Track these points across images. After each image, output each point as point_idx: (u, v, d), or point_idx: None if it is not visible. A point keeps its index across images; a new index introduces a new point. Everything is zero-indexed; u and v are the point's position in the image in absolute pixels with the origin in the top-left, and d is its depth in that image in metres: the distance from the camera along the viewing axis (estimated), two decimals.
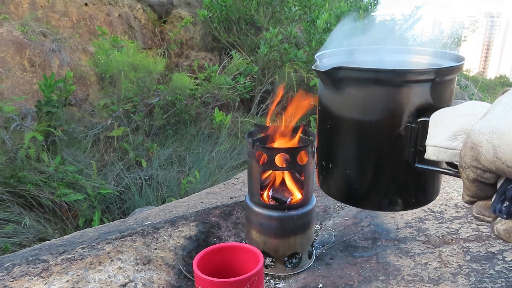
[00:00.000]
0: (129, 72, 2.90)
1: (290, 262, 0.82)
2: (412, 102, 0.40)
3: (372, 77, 0.40)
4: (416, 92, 0.40)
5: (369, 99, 0.41)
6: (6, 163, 2.12)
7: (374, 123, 0.41)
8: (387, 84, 0.40)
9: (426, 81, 0.40)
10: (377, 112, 0.41)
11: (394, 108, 0.40)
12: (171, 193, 2.61)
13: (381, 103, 0.41)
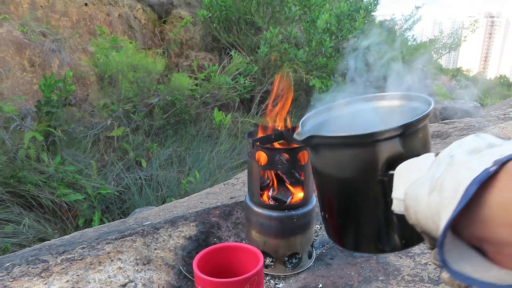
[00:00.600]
0: (128, 72, 2.90)
1: (290, 262, 0.82)
2: (382, 158, 0.44)
3: (341, 142, 0.45)
4: (385, 149, 0.43)
5: (342, 159, 0.46)
6: (6, 163, 2.12)
7: (350, 179, 0.46)
8: (355, 146, 0.44)
9: (393, 137, 0.43)
10: (350, 170, 0.45)
11: (365, 165, 0.44)
12: (171, 193, 2.61)
13: (353, 162, 0.45)
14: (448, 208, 0.29)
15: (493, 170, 0.26)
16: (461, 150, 0.32)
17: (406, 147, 0.44)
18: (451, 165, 0.31)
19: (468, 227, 0.29)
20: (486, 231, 0.28)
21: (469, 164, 0.29)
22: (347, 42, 4.26)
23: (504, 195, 0.26)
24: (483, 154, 0.30)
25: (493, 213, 0.27)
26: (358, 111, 0.58)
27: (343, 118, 0.58)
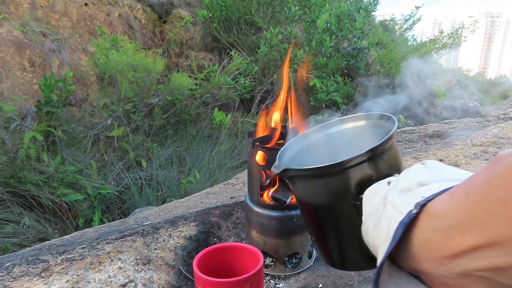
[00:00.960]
0: (128, 72, 2.90)
1: (290, 262, 0.82)
2: (352, 184, 0.46)
3: (312, 174, 0.48)
4: (354, 175, 0.46)
5: (315, 188, 0.49)
6: (6, 163, 2.12)
7: (326, 205, 0.49)
8: (325, 176, 0.47)
9: (361, 163, 0.46)
10: (325, 197, 0.49)
11: (338, 192, 0.47)
12: (171, 193, 2.61)
13: (326, 190, 0.48)
14: (382, 247, 0.33)
15: (414, 212, 0.30)
16: (396, 190, 0.35)
17: (375, 169, 0.46)
18: (385, 204, 0.35)
19: (402, 261, 0.32)
20: (415, 265, 0.31)
21: (398, 205, 0.33)
22: (347, 42, 4.27)
23: (424, 234, 0.29)
24: (410, 194, 0.32)
25: (417, 249, 0.30)
26: (331, 135, 0.62)
27: (319, 143, 0.62)
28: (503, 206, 0.23)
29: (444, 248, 0.27)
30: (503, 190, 0.24)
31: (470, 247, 0.25)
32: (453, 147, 1.42)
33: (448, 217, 0.27)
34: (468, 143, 1.45)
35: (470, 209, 0.26)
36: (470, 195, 0.26)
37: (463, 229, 0.26)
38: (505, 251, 0.23)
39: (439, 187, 0.31)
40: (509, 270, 0.24)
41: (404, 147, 1.57)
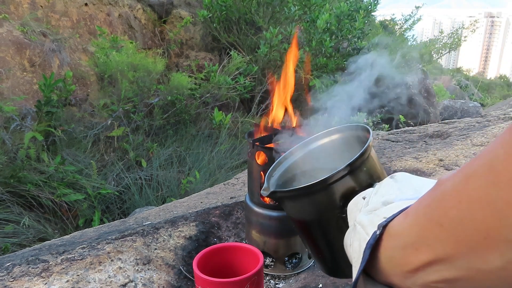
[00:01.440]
0: (128, 72, 2.89)
1: (290, 262, 0.82)
2: (336, 198, 0.48)
3: (298, 194, 0.50)
4: (337, 189, 0.48)
5: (303, 206, 0.52)
6: (6, 163, 2.12)
7: (315, 220, 0.51)
8: (310, 194, 0.49)
9: (342, 177, 0.48)
10: (313, 213, 0.51)
11: (324, 207, 0.49)
12: (171, 193, 2.61)
13: (313, 207, 0.50)
14: (356, 265, 0.36)
15: (378, 233, 0.32)
16: (365, 210, 0.38)
17: (356, 181, 0.48)
18: (355, 225, 0.38)
19: (375, 275, 0.35)
20: (386, 279, 0.33)
21: (365, 226, 0.36)
22: (347, 42, 4.26)
23: (388, 253, 0.32)
24: (375, 215, 0.35)
25: (384, 266, 0.32)
26: (312, 152, 0.65)
27: (302, 161, 0.65)
28: (441, 228, 0.26)
29: (404, 264, 0.30)
30: (439, 214, 0.26)
31: (424, 262, 0.28)
32: (453, 147, 1.42)
33: (404, 236, 0.30)
34: (468, 143, 1.45)
35: (419, 230, 0.28)
36: (418, 217, 0.29)
37: (417, 247, 0.28)
38: (450, 266, 0.26)
39: (399, 206, 0.34)
40: (458, 282, 0.26)
41: (404, 147, 1.57)
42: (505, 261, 0.22)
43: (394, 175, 0.42)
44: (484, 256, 0.23)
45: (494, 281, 0.24)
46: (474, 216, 0.23)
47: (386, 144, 1.66)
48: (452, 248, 0.25)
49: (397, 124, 4.37)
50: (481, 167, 0.23)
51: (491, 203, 0.22)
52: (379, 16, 5.76)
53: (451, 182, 0.26)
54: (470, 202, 0.23)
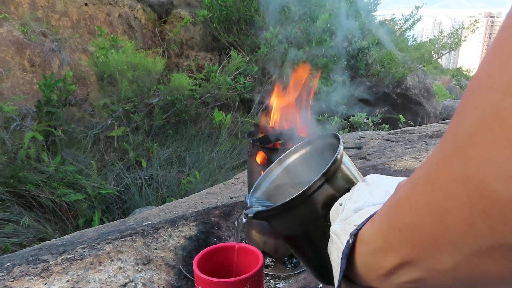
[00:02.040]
0: (128, 72, 2.89)
1: (290, 262, 0.82)
2: (318, 207, 0.49)
3: (279, 211, 0.50)
4: (317, 199, 0.49)
5: (287, 221, 0.52)
6: (6, 163, 2.12)
7: (302, 233, 0.52)
8: (292, 208, 0.50)
9: (319, 187, 0.48)
10: (298, 227, 0.51)
11: (307, 219, 0.50)
12: (171, 193, 2.61)
13: (296, 221, 0.51)
14: (336, 275, 0.37)
15: (351, 242, 0.34)
16: (339, 219, 0.39)
17: (334, 188, 0.49)
18: (332, 235, 0.39)
19: (356, 280, 0.36)
20: (365, 283, 0.35)
21: (339, 235, 0.37)
22: (347, 42, 4.26)
23: (362, 259, 0.33)
24: (347, 223, 0.37)
25: (361, 272, 0.34)
26: (288, 168, 0.66)
27: (280, 178, 0.66)
28: (400, 233, 0.27)
29: (378, 269, 0.31)
30: (397, 220, 0.27)
31: (393, 266, 0.29)
32: None
33: (373, 243, 0.31)
34: None
35: (384, 236, 0.30)
36: (381, 223, 0.30)
37: (385, 252, 0.29)
38: (415, 267, 0.27)
39: (368, 212, 0.35)
40: (425, 282, 0.27)
41: (404, 147, 1.57)
42: (455, 262, 0.23)
43: (365, 178, 0.44)
44: (437, 258, 0.24)
45: (452, 281, 0.25)
46: (423, 222, 0.24)
47: (386, 144, 1.66)
48: (412, 251, 0.26)
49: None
50: (422, 176, 0.24)
51: (432, 210, 0.23)
52: (379, 16, 5.76)
53: (403, 189, 0.27)
54: (418, 209, 0.24)
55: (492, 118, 0.19)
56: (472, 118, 0.20)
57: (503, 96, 0.18)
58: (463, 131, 0.21)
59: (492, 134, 0.19)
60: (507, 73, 0.18)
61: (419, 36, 13.39)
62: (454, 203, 0.21)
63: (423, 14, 5.78)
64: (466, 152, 0.20)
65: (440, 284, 0.27)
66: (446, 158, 0.22)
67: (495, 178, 0.19)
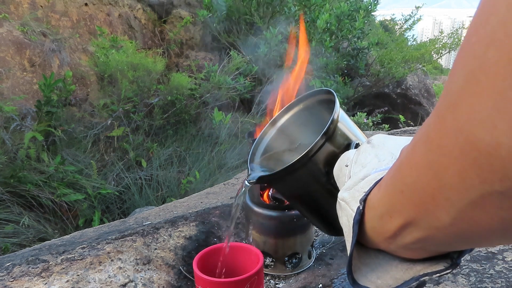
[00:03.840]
0: (128, 72, 2.89)
1: (290, 262, 0.82)
2: (320, 167, 0.50)
3: (283, 174, 0.50)
4: (319, 158, 0.49)
5: (291, 184, 0.53)
6: (6, 163, 2.12)
7: (306, 193, 0.53)
8: (294, 171, 0.50)
9: (321, 147, 0.49)
10: (302, 188, 0.52)
11: (311, 179, 0.51)
12: (171, 193, 2.61)
13: (300, 182, 0.51)
14: (348, 239, 0.38)
15: (361, 207, 0.35)
16: (346, 186, 0.40)
17: (334, 145, 0.50)
18: (340, 202, 0.40)
19: (366, 243, 0.38)
20: (375, 246, 0.37)
21: (349, 202, 0.38)
22: (347, 42, 4.26)
23: (370, 223, 0.35)
24: (356, 190, 0.38)
25: (370, 235, 0.35)
26: (282, 128, 0.66)
27: (275, 139, 0.65)
28: (402, 195, 0.28)
29: (384, 232, 0.33)
30: (400, 182, 0.29)
31: (398, 227, 0.30)
32: None
33: (380, 207, 0.33)
34: None
35: (389, 199, 0.31)
36: (387, 187, 0.32)
37: (390, 214, 0.31)
38: (417, 227, 0.28)
39: (375, 178, 0.36)
40: (427, 241, 0.29)
41: None
42: (451, 218, 0.24)
43: (371, 140, 0.44)
44: (435, 215, 0.25)
45: (451, 237, 0.27)
46: (421, 180, 0.25)
47: None
48: (413, 211, 0.28)
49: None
50: (421, 136, 0.26)
51: (430, 167, 0.24)
52: (379, 16, 5.77)
53: (406, 151, 0.28)
54: (417, 169, 0.26)
55: (478, 70, 0.20)
56: (462, 74, 0.21)
57: (486, 48, 0.19)
58: (454, 88, 0.22)
59: (479, 86, 0.20)
60: (490, 26, 0.19)
61: (419, 36, 13.42)
62: (449, 158, 0.22)
63: (423, 14, 5.78)
64: (456, 106, 0.21)
65: (441, 241, 0.29)
66: (441, 116, 0.23)
67: (482, 128, 0.19)
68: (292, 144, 0.63)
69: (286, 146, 0.64)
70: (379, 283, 0.36)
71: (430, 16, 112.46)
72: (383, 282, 0.36)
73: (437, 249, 0.32)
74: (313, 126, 0.59)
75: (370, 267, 0.37)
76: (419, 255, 0.33)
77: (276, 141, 0.65)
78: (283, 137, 0.65)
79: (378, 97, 5.26)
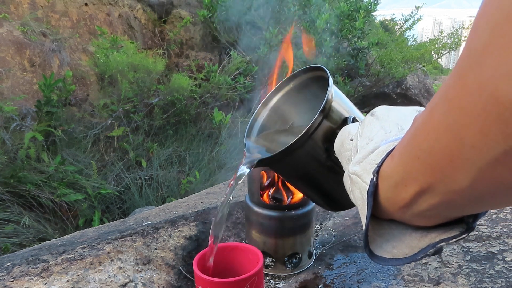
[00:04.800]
0: (128, 72, 2.89)
1: (290, 262, 0.82)
2: (319, 144, 0.50)
3: (282, 155, 0.50)
4: (318, 136, 0.49)
5: (290, 163, 0.52)
6: (6, 163, 2.12)
7: (308, 171, 0.53)
8: (294, 150, 0.50)
9: (319, 124, 0.49)
10: (301, 166, 0.52)
11: (310, 157, 0.51)
12: (171, 193, 2.61)
13: (299, 162, 0.51)
14: (363, 212, 0.39)
15: (374, 179, 0.35)
16: (355, 160, 0.40)
17: (331, 121, 0.50)
18: (351, 176, 0.41)
19: (380, 215, 0.38)
20: (389, 216, 0.37)
21: (361, 175, 0.39)
22: (347, 42, 4.26)
23: (384, 194, 0.35)
24: (367, 163, 0.38)
25: (385, 206, 0.36)
26: (275, 108, 0.65)
27: (269, 120, 0.65)
28: (418, 161, 0.28)
29: (399, 201, 0.33)
30: (415, 148, 0.29)
31: (413, 195, 0.30)
32: None
33: (394, 176, 0.33)
34: None
35: (403, 167, 0.31)
36: (401, 156, 0.32)
37: (405, 183, 0.31)
38: (433, 193, 0.28)
39: (386, 150, 0.37)
40: (442, 206, 0.29)
41: None
42: (471, 179, 0.24)
43: (374, 112, 0.44)
44: (454, 178, 0.25)
45: (469, 200, 0.27)
46: (440, 143, 0.25)
47: None
48: (430, 176, 0.28)
49: None
50: (439, 98, 0.25)
51: (449, 129, 0.24)
52: (379, 16, 5.77)
53: (421, 117, 0.28)
54: (435, 132, 0.26)
55: (504, 23, 0.19)
56: (486, 30, 0.20)
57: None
58: (477, 45, 0.21)
59: (504, 38, 0.19)
60: None
61: (419, 36, 13.42)
62: (470, 117, 0.22)
63: (423, 14, 5.78)
64: (480, 63, 0.21)
65: (457, 205, 0.29)
66: (462, 75, 0.23)
67: (507, 82, 0.19)
68: (285, 124, 0.63)
69: (279, 126, 0.64)
70: (395, 252, 0.37)
71: (430, 16, 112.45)
72: (399, 251, 0.36)
73: (452, 215, 0.32)
74: (305, 104, 0.59)
75: (385, 237, 0.38)
76: (433, 222, 0.34)
77: (269, 121, 0.65)
78: (276, 117, 0.65)
79: (378, 97, 5.26)
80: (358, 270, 0.79)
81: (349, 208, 0.57)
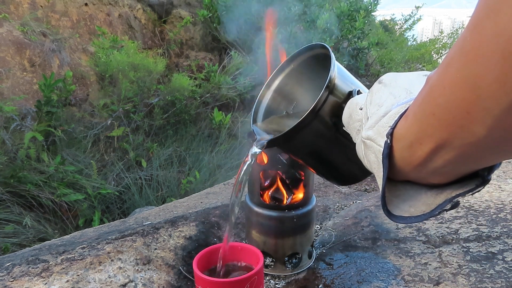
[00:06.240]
0: (129, 72, 2.89)
1: (290, 262, 0.82)
2: (327, 119, 0.50)
3: (292, 133, 0.51)
4: (325, 111, 0.50)
5: (300, 141, 0.53)
6: (6, 163, 2.12)
7: (317, 148, 0.54)
8: (303, 127, 0.50)
9: (325, 100, 0.50)
10: (311, 144, 0.53)
11: (320, 133, 0.52)
12: (171, 193, 2.61)
13: (308, 139, 0.52)
14: (379, 174, 0.40)
15: (388, 141, 0.36)
16: (368, 125, 0.41)
17: (337, 96, 0.51)
18: (364, 141, 0.41)
19: (395, 176, 0.39)
20: (404, 177, 0.38)
21: (375, 139, 0.40)
22: (347, 42, 4.26)
23: (399, 154, 0.36)
24: (380, 126, 0.39)
25: (400, 167, 0.36)
26: (278, 89, 0.65)
27: (273, 101, 0.65)
28: (434, 117, 0.29)
29: (414, 160, 0.34)
30: (431, 105, 0.29)
31: (428, 152, 0.31)
32: None
33: (408, 136, 0.34)
34: None
35: (418, 126, 0.32)
36: (415, 115, 0.32)
37: (420, 141, 0.32)
38: (448, 148, 0.29)
39: (397, 112, 0.37)
40: (458, 160, 0.30)
41: None
42: (487, 129, 0.24)
43: (381, 79, 0.45)
44: (470, 129, 0.26)
45: (484, 151, 0.27)
46: (456, 97, 0.25)
47: None
48: (445, 131, 0.28)
49: None
50: (455, 53, 0.26)
51: (466, 81, 0.24)
52: (379, 16, 5.77)
53: (436, 74, 0.29)
54: (451, 86, 0.26)
55: None
56: None
57: None
58: None
59: None
60: None
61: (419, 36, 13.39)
62: (487, 66, 0.22)
63: (423, 14, 5.78)
64: (497, 11, 0.21)
65: (473, 158, 0.29)
66: (478, 25, 0.23)
67: None
68: (289, 105, 0.64)
69: (284, 107, 0.65)
70: (412, 211, 0.37)
71: (430, 16, 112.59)
72: (416, 209, 0.37)
73: (467, 169, 0.33)
74: (308, 83, 0.60)
75: (401, 198, 0.39)
76: (448, 178, 0.34)
77: (274, 103, 0.65)
78: (280, 98, 0.65)
79: None
80: (358, 270, 0.79)
81: (362, 179, 0.58)
